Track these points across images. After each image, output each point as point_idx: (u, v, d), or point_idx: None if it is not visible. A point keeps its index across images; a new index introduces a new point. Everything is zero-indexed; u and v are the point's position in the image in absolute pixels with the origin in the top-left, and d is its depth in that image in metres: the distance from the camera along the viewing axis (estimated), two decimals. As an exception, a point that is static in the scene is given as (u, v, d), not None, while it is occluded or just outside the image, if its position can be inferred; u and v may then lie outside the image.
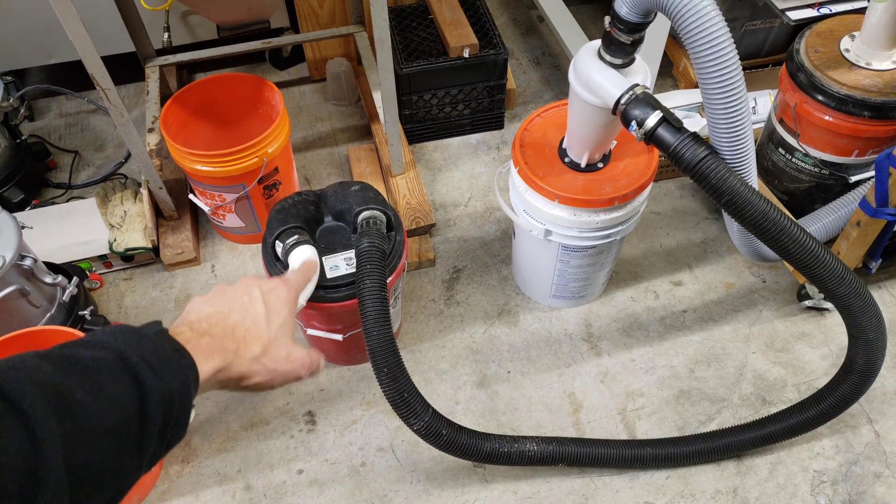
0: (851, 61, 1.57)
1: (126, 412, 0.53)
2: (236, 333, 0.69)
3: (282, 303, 0.77)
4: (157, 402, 0.55)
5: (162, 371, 0.57)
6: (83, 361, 0.54)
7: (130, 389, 0.54)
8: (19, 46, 2.24)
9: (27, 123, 2.37)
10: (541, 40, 2.62)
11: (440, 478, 1.54)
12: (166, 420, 0.57)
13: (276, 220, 1.41)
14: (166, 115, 1.80)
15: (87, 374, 0.53)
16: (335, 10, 2.33)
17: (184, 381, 0.59)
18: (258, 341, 0.71)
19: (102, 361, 0.55)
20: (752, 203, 1.13)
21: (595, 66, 1.25)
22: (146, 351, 0.57)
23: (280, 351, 0.73)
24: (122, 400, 0.53)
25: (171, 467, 1.57)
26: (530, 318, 1.81)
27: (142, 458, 0.55)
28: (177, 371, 0.59)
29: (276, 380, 0.73)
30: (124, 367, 0.55)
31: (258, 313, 0.73)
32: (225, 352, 0.67)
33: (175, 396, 0.57)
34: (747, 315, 1.80)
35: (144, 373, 0.55)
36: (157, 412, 0.55)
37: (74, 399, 0.50)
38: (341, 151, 2.24)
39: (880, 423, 1.60)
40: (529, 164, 1.49)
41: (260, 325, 0.72)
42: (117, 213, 1.95)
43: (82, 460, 0.49)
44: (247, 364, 0.69)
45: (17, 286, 1.47)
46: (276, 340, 0.73)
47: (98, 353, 0.55)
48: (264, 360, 0.71)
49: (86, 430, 0.50)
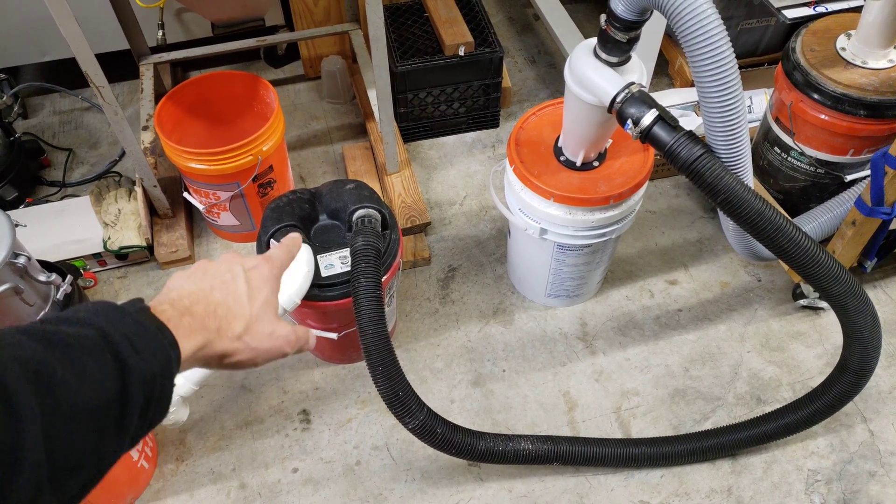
0: (847, 60, 1.57)
1: (107, 392, 0.53)
2: (218, 312, 0.68)
3: (263, 280, 0.75)
4: (138, 382, 0.55)
5: (144, 350, 0.56)
6: (65, 339, 0.53)
7: (112, 369, 0.54)
8: (13, 44, 2.23)
9: (21, 121, 2.36)
10: (536, 38, 2.62)
11: (435, 476, 1.54)
12: (148, 400, 0.56)
13: (270, 218, 1.41)
14: (160, 112, 1.79)
15: (69, 353, 0.52)
16: (330, 7, 2.33)
17: (166, 361, 0.59)
18: (240, 319, 0.70)
19: (84, 339, 0.54)
20: (747, 202, 1.13)
21: (591, 65, 1.25)
22: (128, 329, 0.57)
23: (263, 328, 0.72)
24: (104, 379, 0.53)
25: (165, 466, 1.57)
26: (525, 317, 1.81)
27: (123, 438, 0.55)
28: (158, 350, 0.59)
29: (259, 357, 0.71)
30: (106, 346, 0.55)
31: (240, 291, 0.72)
32: (206, 330, 0.66)
33: (157, 376, 0.57)
34: (742, 314, 1.80)
35: (126, 352, 0.55)
36: (139, 392, 0.55)
37: (56, 377, 0.50)
38: (336, 150, 2.24)
39: (875, 423, 1.60)
40: (525, 163, 1.49)
41: (242, 303, 0.71)
42: (111, 211, 1.94)
43: (62, 439, 0.49)
44: (228, 342, 0.68)
45: (10, 284, 1.46)
46: (259, 318, 0.72)
47: (80, 331, 0.55)
48: (246, 338, 0.70)
49: (66, 409, 0.49)
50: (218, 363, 0.69)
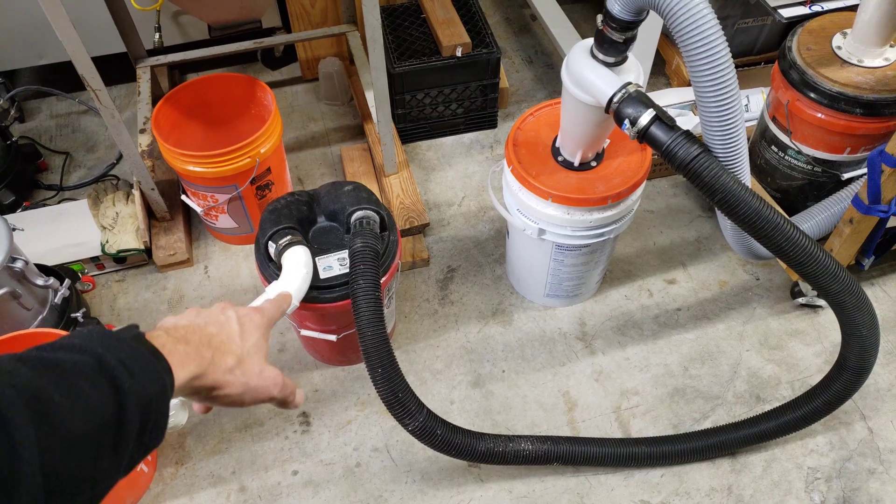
0: (843, 59, 1.58)
1: (103, 416, 0.53)
2: (212, 343, 0.70)
3: (255, 326, 0.79)
4: (134, 406, 0.55)
5: (139, 375, 0.57)
6: (61, 365, 0.54)
7: (108, 393, 0.54)
8: (9, 47, 2.23)
9: (18, 125, 2.35)
10: (533, 39, 2.62)
11: (435, 478, 1.54)
12: (144, 424, 0.56)
13: (268, 220, 1.40)
14: (158, 115, 1.79)
15: (65, 378, 0.52)
16: (327, 9, 2.33)
17: (161, 385, 0.59)
18: (232, 354, 0.72)
19: (80, 365, 0.54)
20: (745, 201, 1.13)
21: (588, 65, 1.25)
22: (123, 354, 0.57)
23: (253, 367, 0.74)
24: (100, 404, 0.53)
25: (165, 469, 1.56)
26: (524, 318, 1.81)
27: (119, 463, 0.55)
28: (154, 375, 0.59)
29: (247, 394, 0.73)
30: (102, 371, 0.55)
31: (233, 330, 0.75)
32: (201, 359, 0.67)
33: (153, 400, 0.57)
34: (741, 313, 1.80)
35: (122, 377, 0.55)
36: (135, 416, 0.55)
37: (52, 403, 0.50)
38: (334, 151, 2.24)
39: (874, 420, 1.61)
40: (523, 163, 1.49)
41: (234, 341, 0.74)
42: (109, 214, 1.94)
43: (59, 464, 0.49)
44: (221, 374, 0.70)
45: (8, 289, 1.46)
46: (250, 356, 0.74)
47: (76, 357, 0.55)
48: (238, 371, 0.72)
49: (63, 434, 0.50)
50: (207, 395, 0.70)
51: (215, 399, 0.71)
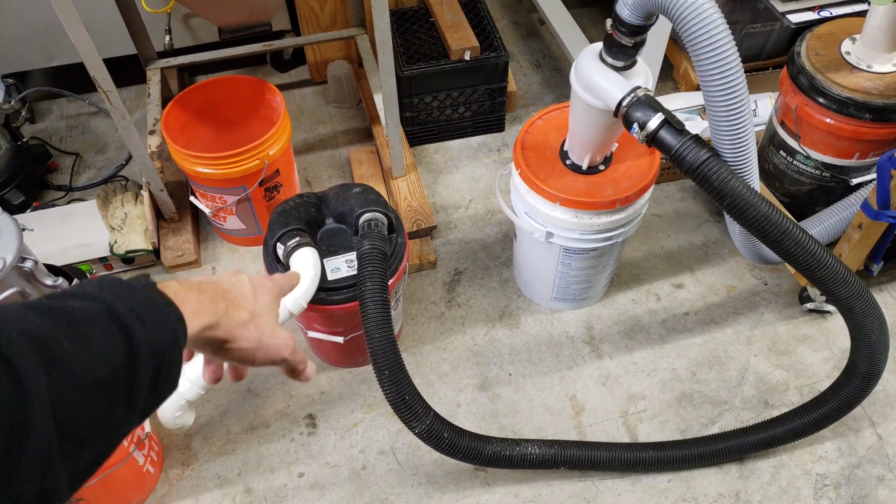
0: (852, 64, 1.57)
1: (115, 364, 0.53)
2: (226, 296, 0.69)
3: (266, 290, 0.77)
4: (146, 354, 0.55)
5: (151, 323, 0.56)
6: (71, 312, 0.53)
7: (119, 341, 0.54)
8: (21, 49, 2.24)
9: (28, 126, 2.37)
10: (541, 43, 2.62)
11: (441, 481, 1.54)
12: (157, 372, 0.56)
13: (277, 222, 1.41)
14: (167, 117, 1.80)
15: (75, 325, 0.52)
16: (336, 12, 2.33)
17: (173, 334, 0.59)
18: (245, 309, 0.71)
19: (90, 312, 0.54)
20: (754, 205, 1.13)
21: (597, 69, 1.25)
22: (135, 303, 0.57)
23: (266, 325, 0.73)
24: (111, 351, 0.53)
25: (170, 471, 1.57)
26: (531, 321, 1.81)
27: (133, 411, 0.55)
28: (166, 324, 0.59)
29: (259, 351, 0.72)
30: (112, 319, 0.55)
31: (246, 289, 0.74)
32: (215, 308, 0.66)
33: (165, 349, 0.57)
34: (749, 318, 1.80)
35: (133, 325, 0.55)
36: (147, 364, 0.55)
37: (62, 350, 0.50)
38: (342, 154, 2.24)
39: (883, 426, 1.60)
40: (531, 167, 1.49)
41: (247, 298, 0.73)
42: (118, 215, 1.94)
43: (70, 411, 0.49)
44: (234, 326, 0.68)
45: (17, 288, 1.47)
46: (262, 315, 0.73)
47: (86, 305, 0.55)
48: (251, 326, 0.70)
49: (74, 381, 0.49)
50: (220, 347, 0.69)
51: (228, 353, 0.70)
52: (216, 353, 0.70)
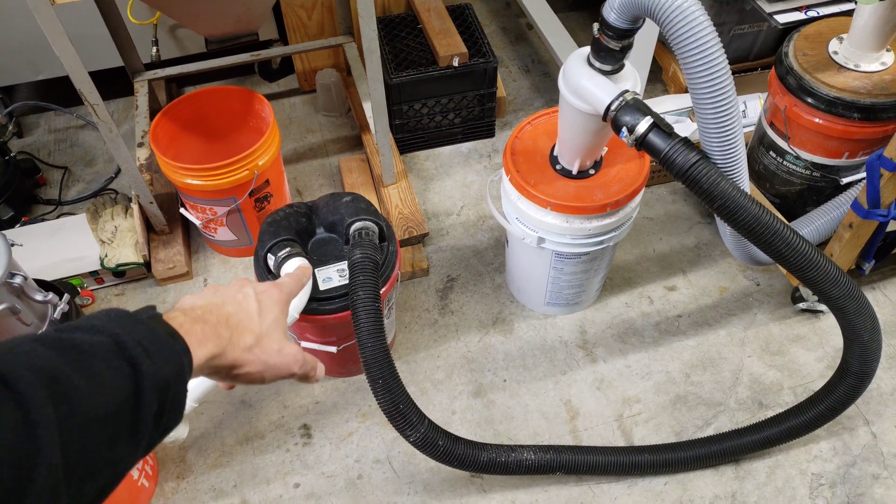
0: (840, 63, 1.58)
1: (121, 398, 0.53)
2: (230, 322, 0.70)
3: (273, 302, 0.78)
4: (151, 388, 0.55)
5: (157, 356, 0.57)
6: (79, 346, 0.54)
7: (126, 375, 0.54)
8: (7, 63, 2.23)
9: (16, 140, 2.35)
10: (530, 48, 2.63)
11: (438, 489, 1.53)
12: (161, 406, 0.56)
13: (267, 232, 1.40)
14: (156, 129, 1.79)
15: (83, 359, 0.53)
16: (323, 21, 2.33)
17: (178, 367, 0.59)
18: (251, 332, 0.71)
19: (98, 346, 0.55)
20: (744, 207, 1.13)
21: (585, 73, 1.25)
22: (141, 336, 0.57)
23: (272, 344, 0.74)
24: (118, 385, 0.53)
25: (166, 484, 1.56)
26: (525, 326, 1.81)
27: (137, 445, 0.55)
28: (171, 356, 0.59)
29: (267, 372, 0.73)
30: (119, 352, 0.55)
31: (251, 308, 0.74)
32: (219, 338, 0.67)
33: (170, 381, 0.58)
34: (742, 319, 1.80)
35: (140, 358, 0.55)
36: (153, 398, 0.55)
37: (70, 384, 0.50)
38: (332, 162, 2.24)
39: (877, 425, 1.60)
40: (521, 172, 1.49)
41: (253, 318, 0.73)
42: (108, 228, 1.93)
43: (77, 445, 0.49)
44: (239, 352, 0.69)
45: (7, 304, 1.46)
46: (268, 334, 0.74)
47: (93, 338, 0.55)
48: (256, 350, 0.71)
49: (81, 415, 0.50)
50: (226, 374, 0.70)
51: (236, 377, 0.71)
52: (224, 379, 0.71)
